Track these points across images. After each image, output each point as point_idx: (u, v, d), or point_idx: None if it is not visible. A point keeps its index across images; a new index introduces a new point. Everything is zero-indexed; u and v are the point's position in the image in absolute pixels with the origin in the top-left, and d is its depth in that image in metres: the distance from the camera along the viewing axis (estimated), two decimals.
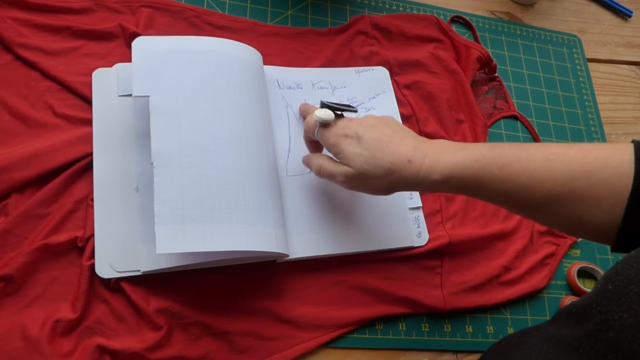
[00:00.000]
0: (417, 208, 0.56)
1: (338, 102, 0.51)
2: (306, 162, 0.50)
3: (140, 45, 0.47)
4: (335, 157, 0.46)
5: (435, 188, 0.42)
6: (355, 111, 0.48)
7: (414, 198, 0.56)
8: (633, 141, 0.37)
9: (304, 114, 0.55)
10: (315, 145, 0.50)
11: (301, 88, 0.58)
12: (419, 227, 0.55)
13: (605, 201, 0.36)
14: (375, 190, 0.45)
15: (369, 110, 0.60)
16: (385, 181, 0.43)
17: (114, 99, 0.50)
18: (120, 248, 0.45)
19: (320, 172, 0.47)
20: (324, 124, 0.46)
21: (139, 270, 0.45)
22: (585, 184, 0.37)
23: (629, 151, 0.36)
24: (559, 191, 0.38)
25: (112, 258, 0.45)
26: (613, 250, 0.38)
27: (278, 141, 0.54)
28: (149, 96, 0.45)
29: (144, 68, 0.46)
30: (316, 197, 0.53)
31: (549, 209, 0.39)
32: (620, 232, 0.36)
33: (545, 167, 0.38)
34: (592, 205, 0.37)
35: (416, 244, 0.54)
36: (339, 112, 0.47)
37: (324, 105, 0.47)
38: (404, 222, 0.55)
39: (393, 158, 0.42)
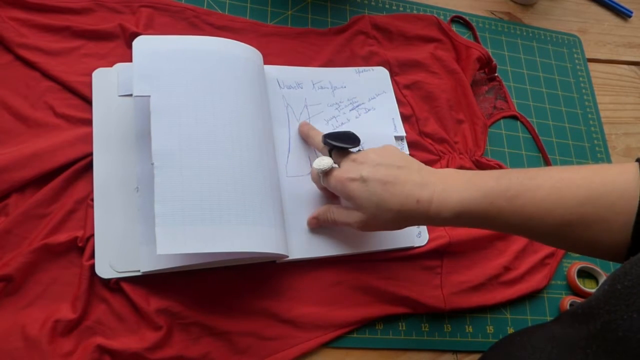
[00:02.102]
0: None
1: (340, 132, 0.49)
2: (317, 220, 0.50)
3: (141, 44, 0.47)
4: (346, 200, 0.46)
5: (447, 224, 0.43)
6: (358, 145, 0.48)
7: None
8: (638, 159, 0.37)
9: (304, 136, 0.54)
10: (326, 190, 0.51)
11: (301, 87, 0.58)
12: (418, 227, 0.55)
13: (614, 224, 0.37)
14: (389, 228, 0.46)
15: (368, 110, 0.59)
16: (397, 221, 0.44)
17: (114, 99, 0.50)
18: (120, 248, 0.45)
19: (336, 223, 0.49)
20: (326, 172, 0.47)
21: (139, 271, 0.45)
22: (594, 210, 0.37)
23: (634, 171, 0.37)
24: (568, 219, 0.38)
25: (112, 258, 0.45)
26: None
27: (278, 142, 0.54)
28: (149, 96, 0.45)
29: (145, 68, 0.46)
30: (316, 198, 0.53)
31: (559, 235, 0.39)
32: (630, 252, 0.36)
33: (553, 195, 0.39)
34: (601, 229, 0.37)
35: (416, 244, 0.54)
36: (341, 147, 0.47)
37: (325, 141, 0.48)
38: None
39: (401, 200, 0.42)
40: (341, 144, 0.47)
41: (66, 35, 0.52)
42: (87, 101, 0.50)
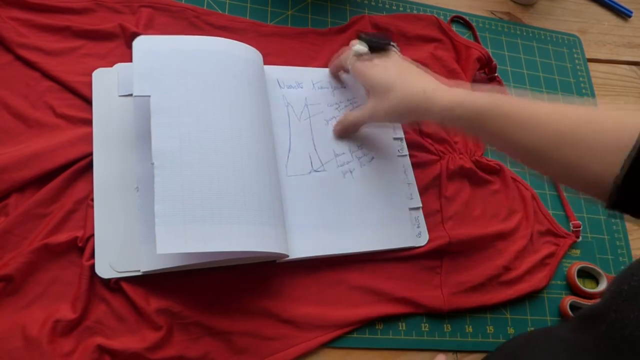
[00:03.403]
0: (417, 208, 0.56)
1: (375, 36, 0.54)
2: (341, 125, 0.55)
3: (141, 44, 0.47)
4: (364, 83, 0.52)
5: (443, 115, 0.45)
6: (390, 42, 0.53)
7: (413, 199, 0.56)
8: None
9: (335, 62, 0.58)
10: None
11: (302, 87, 0.58)
12: (419, 227, 0.55)
13: (602, 148, 0.36)
14: (391, 116, 0.50)
15: None
16: (399, 107, 0.48)
17: (114, 99, 0.50)
18: (120, 248, 0.45)
19: (354, 123, 0.54)
20: (359, 56, 0.52)
21: (139, 271, 0.45)
22: (589, 130, 0.37)
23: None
24: (559, 134, 0.38)
25: (112, 258, 0.45)
26: (606, 206, 0.38)
27: (278, 141, 0.54)
28: (149, 96, 0.45)
29: (145, 68, 0.46)
30: (316, 198, 0.53)
31: (545, 152, 0.40)
32: (616, 187, 0.36)
33: (553, 111, 0.40)
34: (589, 149, 0.37)
35: (416, 245, 0.54)
36: (376, 41, 0.53)
37: (361, 38, 0.52)
38: (404, 222, 0.55)
39: (409, 86, 0.47)
40: (376, 39, 0.53)
41: (66, 35, 0.52)
42: (87, 101, 0.50)
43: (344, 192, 0.54)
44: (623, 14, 0.84)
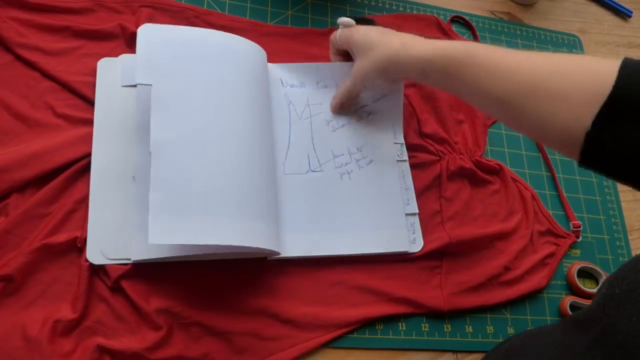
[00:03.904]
0: (414, 214, 0.55)
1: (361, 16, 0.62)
2: (336, 99, 0.57)
3: (146, 32, 0.47)
4: (349, 47, 0.54)
5: (421, 66, 0.46)
6: (374, 22, 0.56)
7: (410, 204, 0.56)
8: (624, 58, 0.36)
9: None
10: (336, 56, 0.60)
11: (304, 86, 0.58)
12: (414, 233, 0.55)
13: (575, 99, 0.35)
14: (374, 72, 0.51)
15: (370, 114, 0.58)
16: (381, 63, 0.49)
17: (117, 89, 0.50)
18: (113, 236, 0.45)
19: (348, 91, 0.55)
20: (345, 26, 0.55)
21: (129, 259, 0.45)
22: (560, 81, 0.37)
23: (615, 62, 0.35)
24: (532, 83, 0.38)
25: (104, 245, 0.45)
26: (580, 163, 0.37)
27: (277, 139, 0.54)
28: (151, 85, 0.45)
29: (149, 56, 0.46)
30: (311, 197, 0.53)
31: (518, 102, 0.39)
32: (588, 139, 0.35)
33: (526, 57, 0.39)
34: (561, 100, 0.36)
35: (410, 250, 0.54)
36: (363, 19, 0.57)
37: (347, 16, 0.56)
38: (399, 227, 0.54)
39: (389, 43, 0.49)
40: (361, 16, 0.61)
41: (66, 35, 0.52)
42: (87, 101, 0.50)
43: (340, 193, 0.53)
44: (623, 14, 0.84)
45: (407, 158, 0.58)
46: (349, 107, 0.57)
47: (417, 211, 0.56)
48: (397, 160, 0.57)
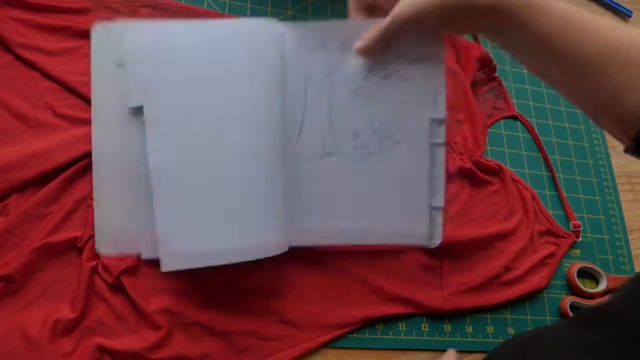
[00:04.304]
0: (439, 208, 0.51)
1: None
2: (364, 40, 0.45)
3: (133, 44, 0.45)
4: None
5: (491, 3, 0.37)
6: None
7: (437, 196, 0.51)
8: None
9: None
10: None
11: (326, 50, 0.48)
12: (435, 228, 0.52)
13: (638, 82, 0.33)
14: (431, 7, 0.39)
15: (405, 80, 0.48)
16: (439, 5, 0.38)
17: (113, 67, 0.47)
18: (121, 228, 0.46)
19: (387, 26, 0.42)
20: None
21: (140, 254, 0.45)
22: (632, 56, 0.34)
23: None
24: (615, 47, 0.34)
25: (113, 238, 0.46)
26: (626, 150, 0.35)
27: (289, 120, 0.48)
28: (142, 106, 0.44)
29: (138, 75, 0.44)
30: (326, 183, 0.49)
31: (597, 64, 0.35)
32: None
33: (604, 22, 0.35)
34: (629, 82, 0.33)
35: (427, 246, 0.52)
36: None
37: None
38: (421, 221, 0.50)
39: None
40: None
41: (66, 35, 0.52)
42: (87, 101, 0.50)
43: (358, 178, 0.49)
44: (623, 14, 0.84)
45: (444, 140, 0.49)
46: (375, 65, 0.47)
47: (443, 205, 0.51)
48: (431, 143, 0.49)
